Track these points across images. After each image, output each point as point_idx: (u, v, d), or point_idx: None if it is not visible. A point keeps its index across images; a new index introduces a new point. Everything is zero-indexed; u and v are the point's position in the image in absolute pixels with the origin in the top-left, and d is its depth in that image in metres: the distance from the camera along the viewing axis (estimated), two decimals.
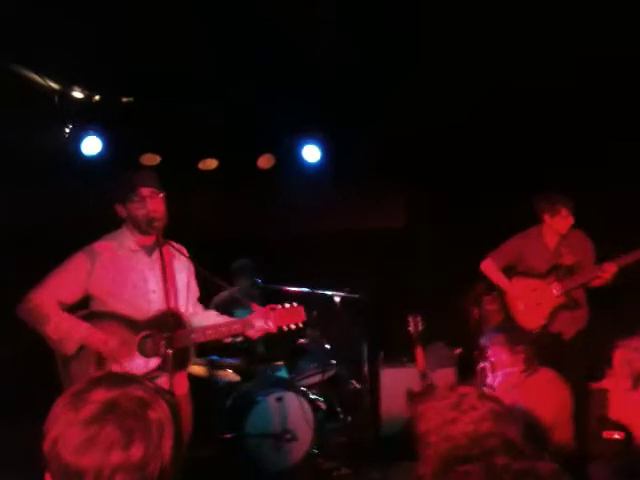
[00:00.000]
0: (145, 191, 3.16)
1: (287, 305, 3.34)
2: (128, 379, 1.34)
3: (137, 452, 1.21)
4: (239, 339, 5.21)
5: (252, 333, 3.28)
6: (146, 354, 3.09)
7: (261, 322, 3.25)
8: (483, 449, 1.23)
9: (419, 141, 5.83)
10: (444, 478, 1.17)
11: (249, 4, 4.12)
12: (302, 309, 3.36)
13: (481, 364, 3.49)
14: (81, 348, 2.97)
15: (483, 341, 3.55)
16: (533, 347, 3.44)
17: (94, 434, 1.21)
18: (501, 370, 3.39)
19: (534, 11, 4.13)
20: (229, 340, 3.41)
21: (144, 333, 3.10)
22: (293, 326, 3.34)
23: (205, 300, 3.69)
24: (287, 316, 3.32)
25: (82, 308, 3.14)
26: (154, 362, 3.08)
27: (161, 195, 3.20)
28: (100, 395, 1.26)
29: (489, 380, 3.42)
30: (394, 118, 5.55)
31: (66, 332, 2.96)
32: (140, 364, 3.06)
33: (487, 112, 5.19)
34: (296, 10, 4.15)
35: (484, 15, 4.23)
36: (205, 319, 3.36)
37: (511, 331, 3.49)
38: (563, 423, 3.27)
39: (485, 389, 3.40)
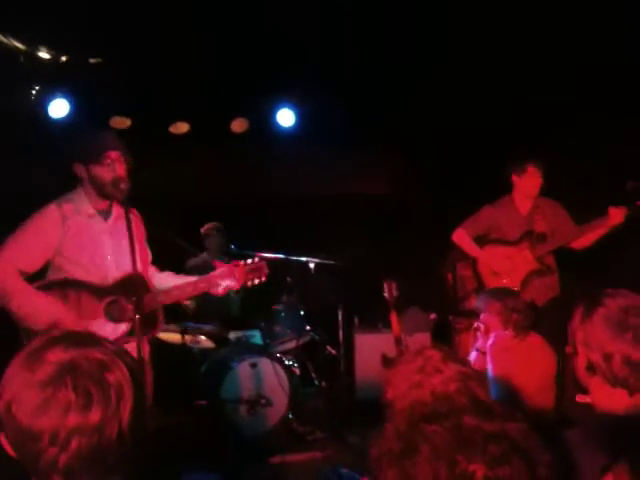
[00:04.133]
0: (114, 154, 3.07)
1: (249, 261, 3.35)
2: (87, 339, 1.30)
3: (95, 415, 1.19)
4: (191, 305, 5.23)
5: (218, 291, 3.26)
6: (113, 320, 3.03)
7: (225, 279, 3.24)
8: (451, 407, 1.21)
9: (399, 106, 5.77)
10: (409, 439, 1.13)
11: None
12: (265, 264, 3.37)
13: (475, 323, 3.51)
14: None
15: (477, 304, 3.57)
16: (526, 314, 3.45)
17: (51, 396, 1.18)
18: (492, 333, 3.41)
19: None
20: (187, 302, 3.38)
21: (109, 298, 3.04)
22: (257, 281, 3.35)
23: (173, 265, 3.63)
24: (251, 272, 3.33)
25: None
26: (123, 327, 3.04)
27: (126, 159, 3.12)
28: (58, 355, 1.22)
29: (480, 343, 3.44)
30: (372, 82, 5.47)
31: (31, 311, 2.87)
32: (109, 330, 3.00)
33: (468, 76, 5.14)
34: None
35: None
36: (163, 280, 3.33)
37: (505, 298, 3.49)
38: (546, 389, 3.31)
39: (474, 352, 3.44)
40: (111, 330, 3.02)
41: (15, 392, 1.20)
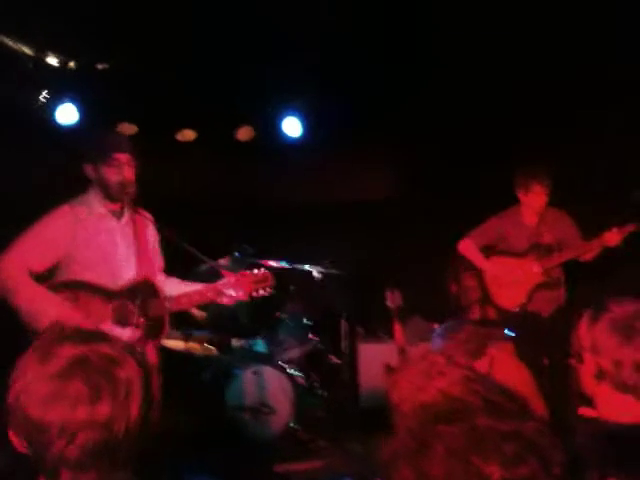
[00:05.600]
0: (123, 157, 3.08)
1: (256, 271, 3.39)
2: (98, 336, 1.32)
3: (103, 409, 1.19)
4: (201, 315, 5.23)
5: (224, 300, 3.29)
6: (121, 324, 3.03)
7: (232, 289, 3.26)
8: (465, 408, 1.20)
9: (402, 114, 5.77)
10: (423, 438, 1.13)
11: None
12: (270, 275, 3.41)
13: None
14: None
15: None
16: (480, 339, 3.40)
17: (60, 388, 1.19)
18: None
19: None
20: (197, 312, 3.41)
21: (117, 303, 3.04)
22: (262, 292, 3.38)
23: (179, 271, 3.64)
24: (257, 282, 3.36)
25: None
26: (130, 332, 3.04)
27: (134, 163, 3.13)
28: (69, 350, 1.23)
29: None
30: (377, 90, 5.48)
31: (38, 308, 2.86)
32: (116, 334, 3.00)
33: (471, 81, 5.14)
34: None
35: None
36: (172, 287, 3.34)
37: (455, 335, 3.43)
38: (532, 399, 3.27)
39: None
40: (118, 334, 3.01)
41: (25, 384, 1.21)
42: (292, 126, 6.02)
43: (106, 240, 3.11)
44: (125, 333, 3.03)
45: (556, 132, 5.11)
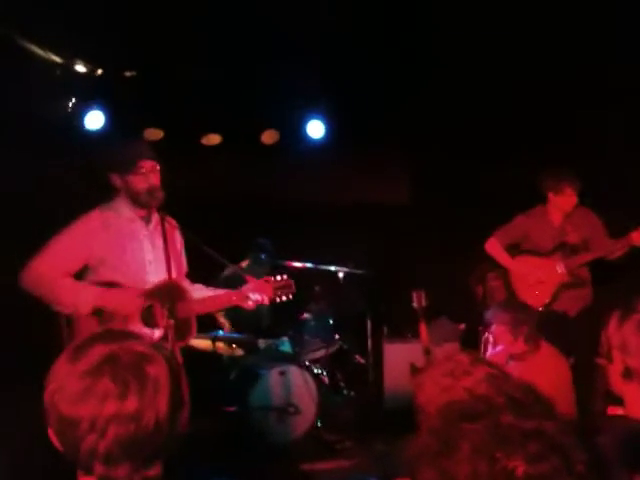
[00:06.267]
0: (147, 164, 3.14)
1: (279, 277, 3.47)
2: (128, 335, 1.37)
3: (131, 403, 1.23)
4: (227, 323, 5.29)
5: (248, 304, 3.37)
6: (149, 324, 3.10)
7: (255, 294, 3.34)
8: (489, 406, 1.22)
9: (424, 116, 5.77)
10: (448, 437, 1.15)
11: None
12: (292, 282, 3.50)
13: (485, 335, 3.51)
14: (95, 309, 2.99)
15: (487, 316, 3.56)
16: (535, 328, 3.44)
17: (90, 385, 1.24)
18: (501, 345, 3.40)
19: None
20: (222, 320, 3.50)
21: (145, 303, 3.10)
22: (284, 298, 3.46)
23: (204, 276, 3.70)
24: (279, 289, 3.45)
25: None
26: (158, 333, 3.10)
27: (159, 168, 3.19)
28: (100, 349, 1.29)
29: (489, 354, 3.44)
30: (400, 93, 5.50)
31: (77, 294, 2.97)
32: (146, 334, 3.06)
33: (494, 83, 5.13)
34: None
35: None
36: (196, 292, 3.39)
37: (515, 311, 3.48)
38: (564, 397, 3.28)
39: None
40: (149, 334, 3.06)
41: (58, 383, 1.27)
42: (316, 128, 6.06)
43: (134, 244, 3.18)
44: (153, 334, 3.09)
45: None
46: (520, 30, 4.50)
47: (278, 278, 3.46)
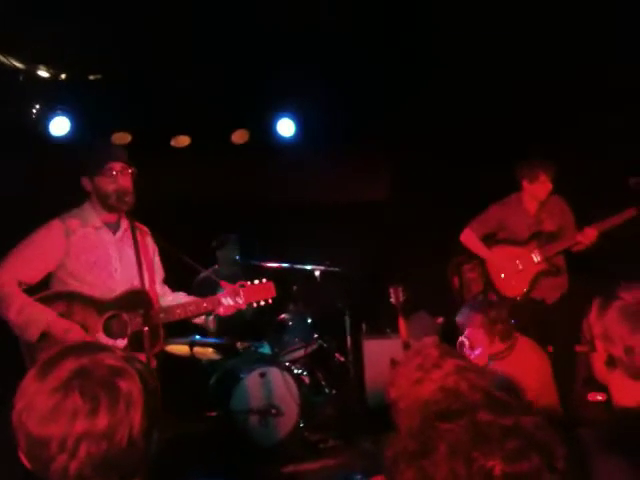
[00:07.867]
0: (116, 166, 3.08)
1: (257, 281, 3.35)
2: (98, 347, 1.31)
3: (103, 420, 1.18)
4: (211, 325, 5.22)
5: (222, 311, 3.26)
6: (112, 335, 3.03)
7: (230, 299, 3.24)
8: (465, 404, 1.20)
9: (397, 113, 5.77)
10: (425, 438, 1.13)
11: None
12: (272, 284, 3.38)
13: (460, 338, 3.46)
14: (44, 335, 2.88)
15: (459, 319, 3.51)
16: (508, 320, 3.41)
17: (59, 402, 1.18)
18: (479, 348, 3.37)
19: None
20: (200, 321, 3.40)
21: (109, 314, 3.03)
22: (263, 302, 3.36)
23: (178, 282, 3.63)
24: (257, 292, 3.33)
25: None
26: (120, 343, 3.02)
27: (130, 171, 3.12)
28: (70, 363, 1.23)
29: (467, 356, 3.42)
30: (372, 85, 5.48)
31: (29, 318, 2.87)
32: (109, 344, 2.99)
33: (468, 78, 5.14)
34: None
35: None
36: (175, 300, 3.33)
37: (486, 310, 3.41)
38: (547, 388, 3.29)
39: None
40: (111, 345, 2.99)
41: (26, 401, 1.21)
42: (286, 127, 6.01)
43: (99, 252, 3.11)
44: (118, 344, 3.01)
45: (556, 132, 5.12)
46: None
47: (257, 282, 3.35)
